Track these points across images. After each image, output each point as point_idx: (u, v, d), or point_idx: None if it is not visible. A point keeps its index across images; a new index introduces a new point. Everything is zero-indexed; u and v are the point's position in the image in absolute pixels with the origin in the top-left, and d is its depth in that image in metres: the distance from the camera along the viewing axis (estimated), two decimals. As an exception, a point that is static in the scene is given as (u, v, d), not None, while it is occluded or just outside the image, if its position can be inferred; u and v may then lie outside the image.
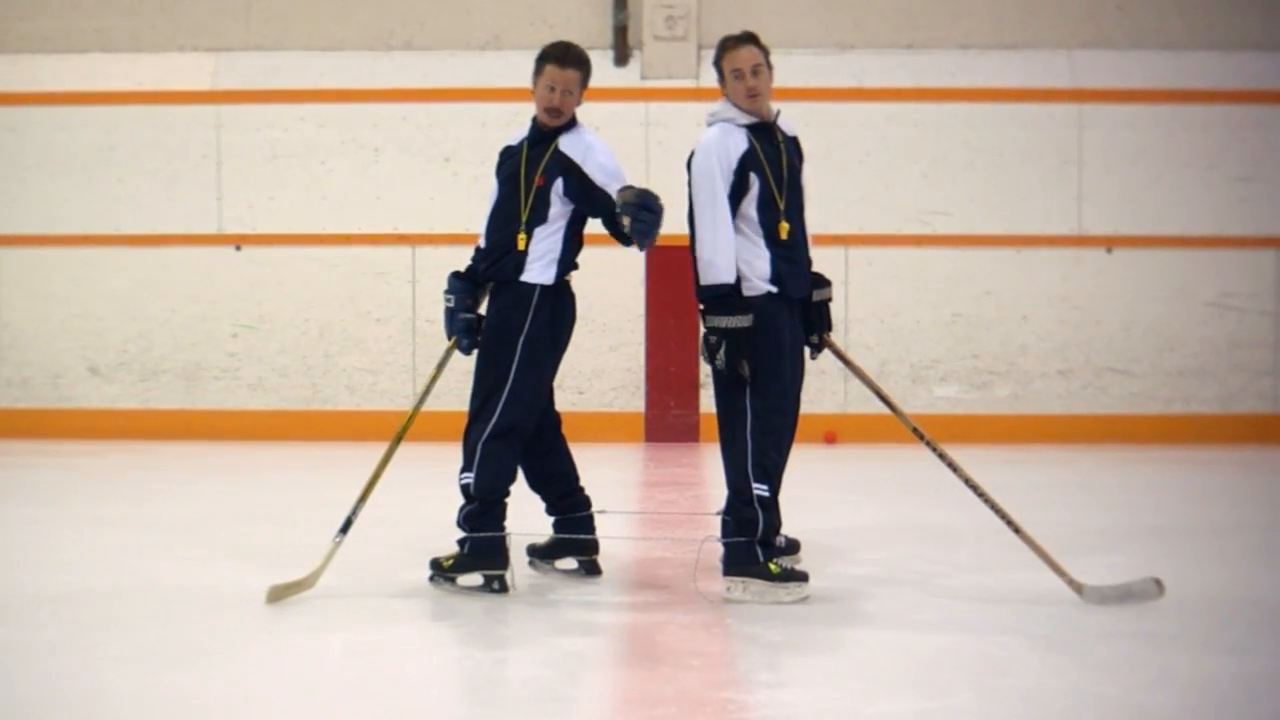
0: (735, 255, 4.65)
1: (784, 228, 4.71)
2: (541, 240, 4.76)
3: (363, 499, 4.87)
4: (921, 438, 4.89)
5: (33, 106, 9.21)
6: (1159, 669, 3.85)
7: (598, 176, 4.74)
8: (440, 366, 5.00)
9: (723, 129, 4.76)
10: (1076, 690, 3.68)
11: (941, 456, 4.85)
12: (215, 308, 9.19)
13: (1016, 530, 4.79)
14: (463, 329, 4.83)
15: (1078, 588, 4.67)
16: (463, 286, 4.86)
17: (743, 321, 4.61)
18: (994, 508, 4.79)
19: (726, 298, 4.63)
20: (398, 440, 4.98)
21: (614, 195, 4.64)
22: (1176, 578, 4.88)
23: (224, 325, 9.19)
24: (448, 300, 4.87)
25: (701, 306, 4.72)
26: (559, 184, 4.75)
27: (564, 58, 4.81)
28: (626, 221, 4.51)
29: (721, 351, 4.60)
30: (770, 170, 4.72)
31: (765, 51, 4.80)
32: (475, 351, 4.85)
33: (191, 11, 9.35)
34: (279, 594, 4.57)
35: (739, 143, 4.71)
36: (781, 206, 4.71)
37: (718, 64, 4.81)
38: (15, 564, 5.30)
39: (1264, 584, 4.95)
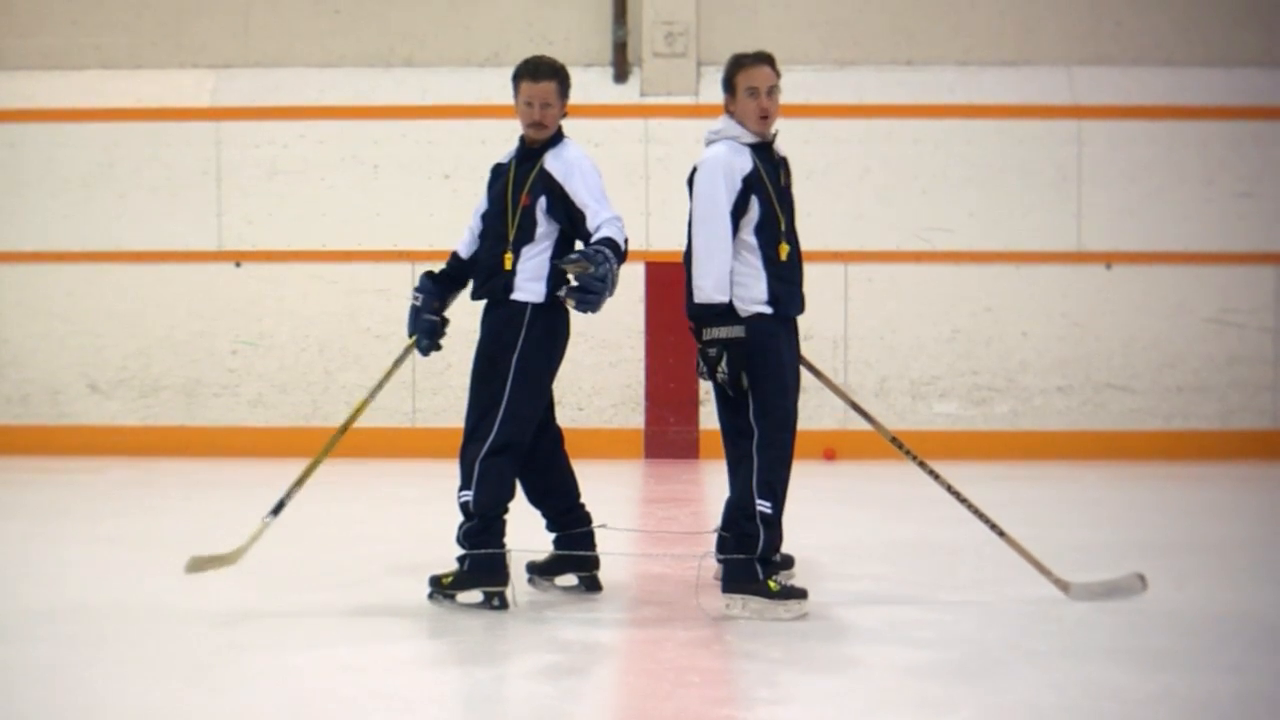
0: (728, 276, 4.64)
1: (784, 249, 4.69)
2: (530, 259, 4.78)
3: (299, 483, 4.91)
4: (899, 447, 4.90)
5: (33, 123, 9.24)
6: (1158, 686, 3.84)
7: (579, 197, 4.75)
8: (397, 363, 5.11)
9: (729, 146, 4.72)
10: (1075, 707, 3.67)
11: (922, 465, 4.86)
12: (215, 324, 9.21)
13: (1000, 534, 4.79)
14: (426, 329, 4.93)
15: (1064, 586, 4.67)
16: (433, 288, 4.95)
17: (737, 332, 4.61)
18: (976, 513, 4.80)
19: (720, 312, 4.64)
20: (344, 429, 5.05)
21: (579, 242, 4.74)
22: (1177, 594, 4.88)
23: (224, 342, 9.20)
24: (415, 299, 4.95)
25: (691, 324, 4.73)
26: (543, 202, 4.76)
27: (536, 71, 4.84)
28: (571, 304, 4.60)
29: (724, 363, 4.60)
30: (772, 190, 4.71)
31: (779, 74, 4.79)
32: (433, 354, 5.01)
33: (191, 28, 9.39)
34: (199, 565, 4.65)
35: (744, 162, 4.68)
36: (782, 228, 4.70)
37: (730, 79, 4.76)
38: (14, 580, 5.29)
39: (1264, 601, 4.93)
